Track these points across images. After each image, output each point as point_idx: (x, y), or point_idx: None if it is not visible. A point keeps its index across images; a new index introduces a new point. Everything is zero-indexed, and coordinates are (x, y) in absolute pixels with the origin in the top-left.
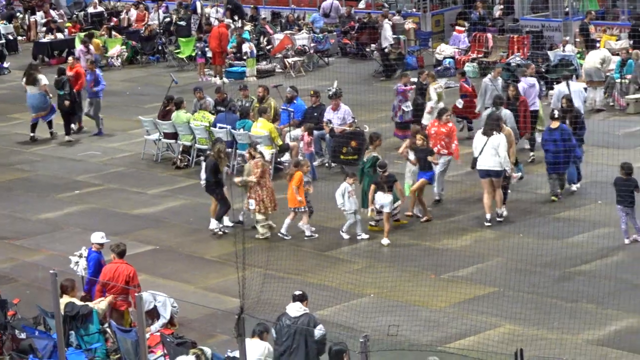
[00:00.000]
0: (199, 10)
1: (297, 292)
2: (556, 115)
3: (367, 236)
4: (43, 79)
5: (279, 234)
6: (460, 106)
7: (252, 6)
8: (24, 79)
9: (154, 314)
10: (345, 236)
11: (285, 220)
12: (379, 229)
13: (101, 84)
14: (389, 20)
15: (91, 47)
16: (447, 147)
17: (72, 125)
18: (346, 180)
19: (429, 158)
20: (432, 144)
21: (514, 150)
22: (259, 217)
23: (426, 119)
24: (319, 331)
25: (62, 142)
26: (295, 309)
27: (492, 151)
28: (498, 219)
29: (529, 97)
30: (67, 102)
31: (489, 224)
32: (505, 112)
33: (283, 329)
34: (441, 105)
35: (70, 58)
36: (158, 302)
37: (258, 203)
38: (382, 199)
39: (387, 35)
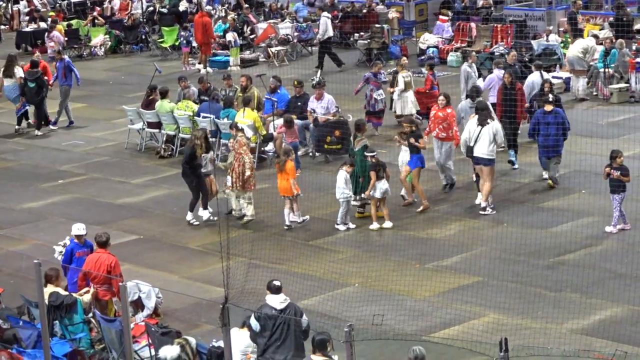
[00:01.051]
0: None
1: (277, 283)
2: (550, 99)
3: (353, 226)
4: (19, 72)
5: (285, 226)
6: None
7: None
8: (2, 70)
9: (138, 304)
10: (342, 227)
11: (285, 212)
12: (367, 214)
13: (76, 74)
14: (328, 14)
15: (56, 33)
16: (446, 131)
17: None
18: (344, 168)
19: (412, 140)
20: (432, 127)
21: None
22: (229, 192)
23: (398, 108)
24: (304, 320)
25: (47, 132)
26: (279, 301)
27: (487, 139)
28: (480, 212)
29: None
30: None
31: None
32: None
33: (268, 321)
34: (410, 93)
35: (37, 52)
36: (142, 293)
37: (234, 180)
38: (383, 184)
39: (322, 30)
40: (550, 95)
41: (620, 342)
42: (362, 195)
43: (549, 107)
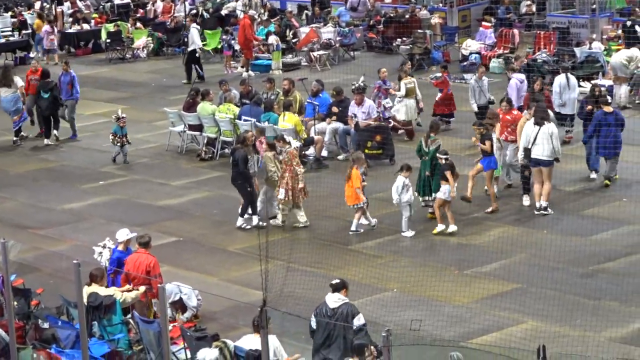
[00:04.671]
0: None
1: (335, 281)
2: (609, 101)
3: (412, 233)
4: (19, 81)
5: (350, 232)
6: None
7: None
8: None
9: (179, 305)
10: (409, 234)
11: (355, 220)
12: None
13: (76, 90)
14: (197, 25)
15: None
16: (514, 133)
17: (55, 132)
18: (401, 173)
19: (481, 145)
20: (499, 132)
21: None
22: (282, 205)
23: (400, 113)
24: (357, 321)
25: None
26: (333, 300)
27: (544, 140)
28: (540, 211)
29: (521, 92)
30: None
31: (539, 212)
32: None
33: (323, 321)
34: (412, 101)
35: (33, 60)
36: (184, 295)
37: (287, 192)
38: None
39: (194, 40)
40: (609, 98)
41: None
42: (435, 195)
43: (608, 108)
